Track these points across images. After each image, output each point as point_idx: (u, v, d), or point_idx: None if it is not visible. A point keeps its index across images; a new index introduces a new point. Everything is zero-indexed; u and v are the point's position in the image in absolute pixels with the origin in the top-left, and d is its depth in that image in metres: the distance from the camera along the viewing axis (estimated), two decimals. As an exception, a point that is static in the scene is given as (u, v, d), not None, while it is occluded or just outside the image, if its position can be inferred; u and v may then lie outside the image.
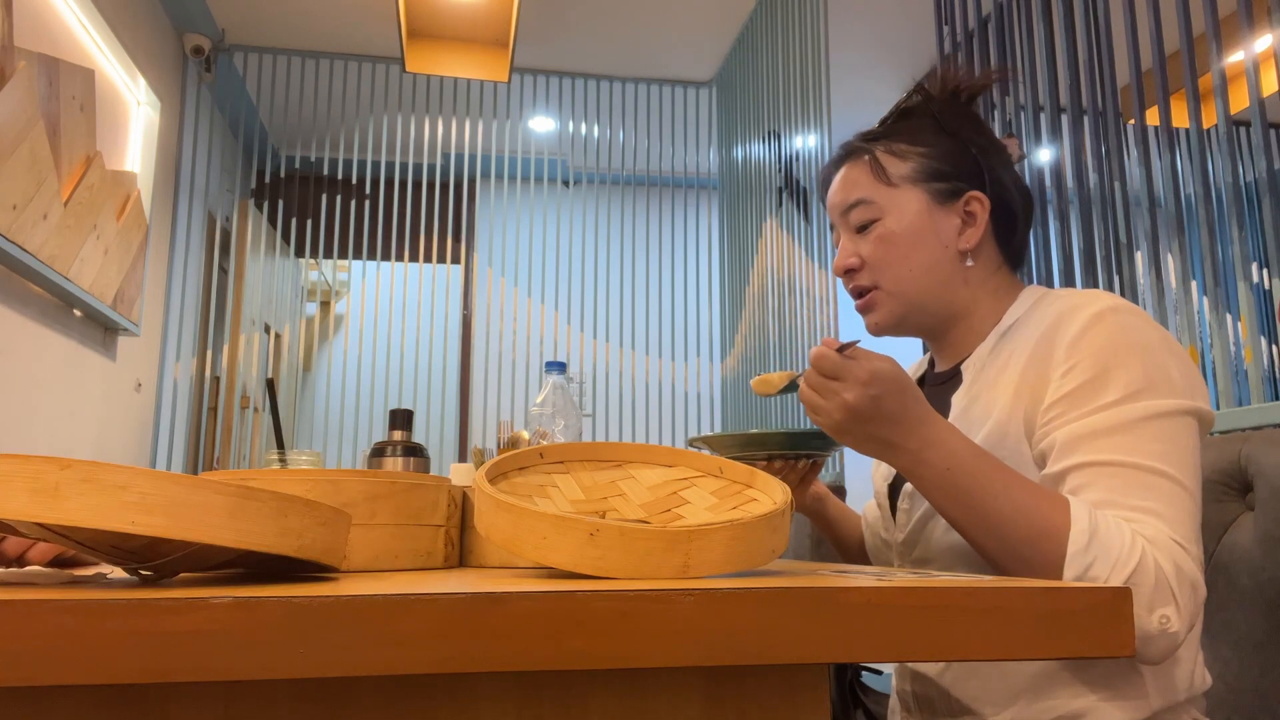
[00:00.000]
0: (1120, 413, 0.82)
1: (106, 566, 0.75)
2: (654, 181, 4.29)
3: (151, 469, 0.52)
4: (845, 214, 1.03)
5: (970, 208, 1.00)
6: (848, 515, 1.22)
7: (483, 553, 0.92)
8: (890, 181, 1.00)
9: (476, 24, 3.13)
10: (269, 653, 0.44)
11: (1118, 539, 0.76)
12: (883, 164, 1.01)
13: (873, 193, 1.01)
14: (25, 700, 0.48)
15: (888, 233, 0.99)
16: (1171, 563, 0.75)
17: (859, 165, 1.03)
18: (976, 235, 0.99)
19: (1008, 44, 2.39)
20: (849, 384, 0.82)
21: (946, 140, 1.01)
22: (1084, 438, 0.82)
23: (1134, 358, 0.83)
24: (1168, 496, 0.79)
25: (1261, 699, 0.98)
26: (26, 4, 2.26)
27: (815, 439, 1.06)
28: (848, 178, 1.04)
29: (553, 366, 1.31)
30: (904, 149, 1.01)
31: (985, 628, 0.50)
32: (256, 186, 4.13)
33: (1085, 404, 0.83)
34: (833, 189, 1.06)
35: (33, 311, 2.42)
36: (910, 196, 1.00)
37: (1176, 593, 0.75)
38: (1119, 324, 0.85)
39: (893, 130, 1.04)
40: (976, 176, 1.00)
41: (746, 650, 0.48)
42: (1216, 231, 1.72)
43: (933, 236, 0.99)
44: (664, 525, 0.59)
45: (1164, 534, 0.77)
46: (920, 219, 0.99)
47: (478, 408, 4.29)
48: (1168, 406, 0.82)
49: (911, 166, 1.00)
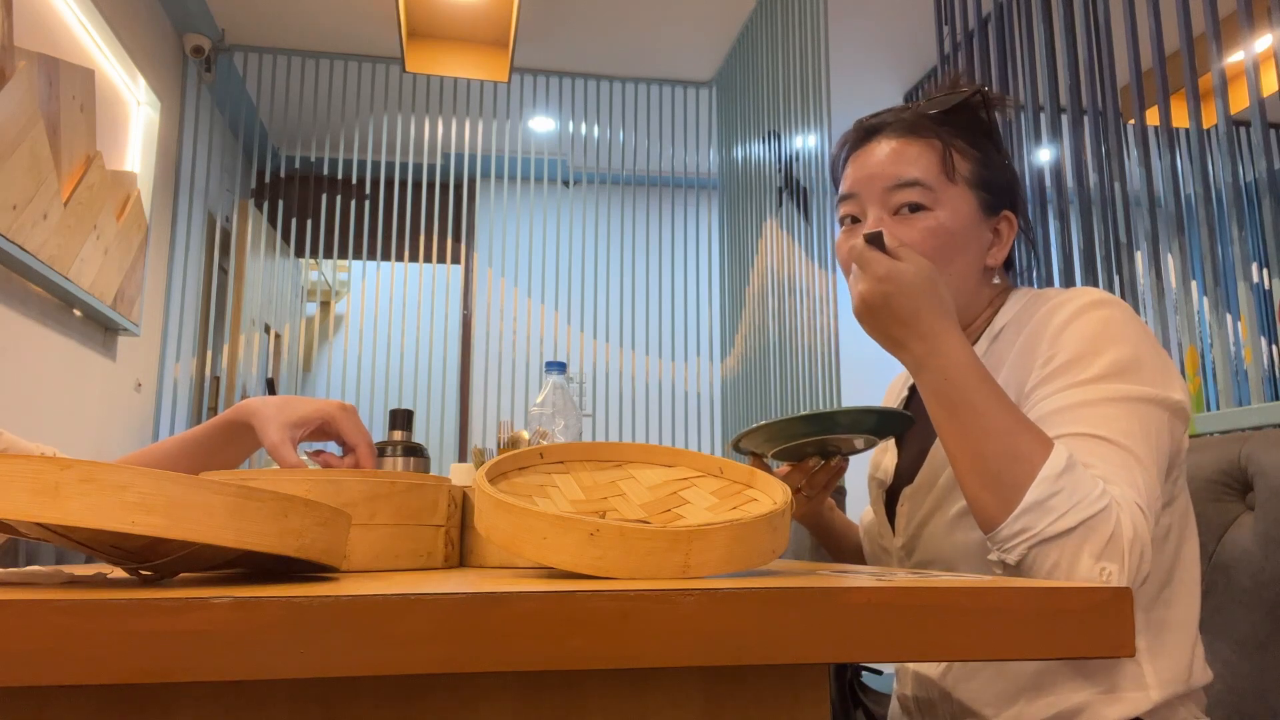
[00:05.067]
0: (1095, 390, 0.83)
1: (106, 566, 0.75)
2: (654, 181, 4.29)
3: (152, 469, 0.52)
4: (891, 189, 0.95)
5: (1000, 226, 0.98)
6: (849, 525, 1.21)
7: (483, 553, 0.92)
8: (953, 178, 0.95)
9: (476, 24, 3.13)
10: (269, 653, 0.44)
11: (1089, 485, 0.76)
12: (954, 156, 0.96)
13: (935, 180, 0.94)
14: (25, 700, 0.48)
15: (941, 228, 0.93)
16: (1131, 524, 0.76)
17: (924, 145, 0.96)
18: (1002, 255, 0.98)
19: (1008, 44, 2.39)
20: (865, 276, 0.84)
21: (994, 151, 0.98)
22: (1058, 410, 0.83)
23: (1113, 346, 0.85)
24: (1134, 470, 0.80)
25: (1261, 699, 0.98)
26: (26, 4, 2.26)
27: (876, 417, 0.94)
28: (907, 153, 0.95)
29: (553, 366, 1.31)
30: (965, 147, 0.97)
31: (985, 628, 0.50)
32: (256, 186, 4.13)
33: (1062, 380, 0.85)
34: (881, 156, 0.96)
35: (33, 311, 2.42)
36: (966, 199, 0.95)
37: (1127, 553, 0.75)
38: (1101, 317, 0.87)
39: (953, 122, 0.98)
40: (1011, 195, 0.99)
41: (746, 650, 0.48)
42: (1216, 231, 1.72)
43: (975, 245, 0.96)
44: (664, 525, 0.59)
45: (1130, 498, 0.77)
46: (970, 225, 0.95)
47: (478, 408, 4.29)
48: (1140, 393, 0.83)
49: (970, 168, 0.96)
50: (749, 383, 3.58)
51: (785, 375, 3.14)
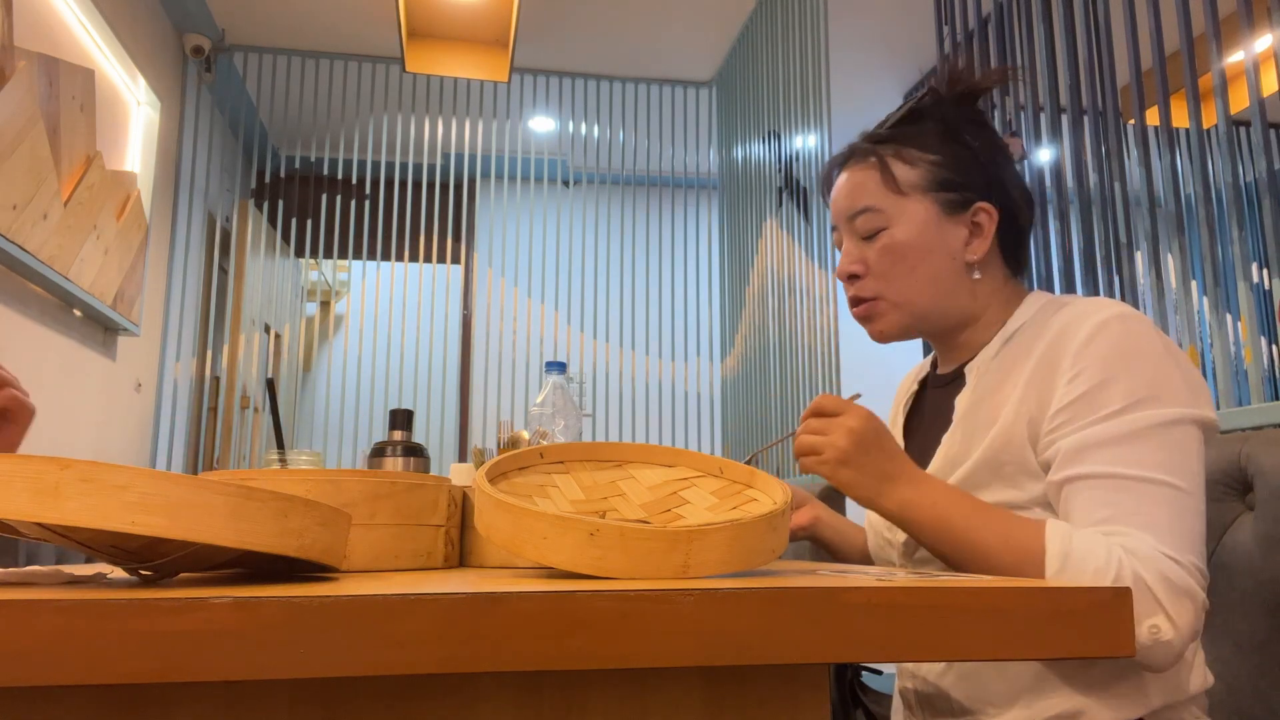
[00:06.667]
0: (1123, 423, 0.82)
1: (106, 566, 0.75)
2: (654, 181, 4.29)
3: (151, 469, 0.52)
4: (851, 219, 1.01)
5: (978, 219, 0.98)
6: (844, 532, 1.20)
7: (483, 553, 0.92)
8: (900, 190, 0.98)
9: (476, 24, 3.13)
10: (269, 653, 0.44)
11: (1093, 557, 0.77)
12: (893, 171, 0.98)
13: (881, 200, 0.98)
14: (25, 700, 0.48)
15: (895, 243, 0.97)
16: (1156, 573, 0.76)
17: (867, 169, 1.00)
18: (984, 247, 0.98)
19: (1008, 44, 2.39)
20: (853, 415, 0.87)
21: (956, 147, 0.99)
22: (1086, 448, 0.83)
23: (1138, 365, 0.84)
24: (1166, 507, 0.79)
25: (1261, 699, 0.98)
26: (26, 4, 2.26)
27: None
28: (855, 181, 1.01)
29: (553, 366, 1.31)
30: (914, 155, 0.98)
31: (986, 628, 0.50)
32: (256, 186, 4.13)
33: (1089, 413, 0.84)
34: (838, 191, 1.03)
35: (33, 311, 2.42)
36: (919, 206, 0.97)
37: (1165, 602, 0.75)
38: (1125, 331, 0.85)
39: (901, 134, 1.01)
40: (985, 186, 0.98)
41: (746, 650, 0.48)
42: (1216, 231, 1.72)
43: (940, 248, 0.97)
44: (664, 525, 0.59)
45: (1149, 546, 0.77)
46: (928, 230, 0.97)
47: (478, 408, 4.29)
48: (1171, 415, 0.82)
49: (921, 174, 0.98)
50: (749, 383, 3.58)
51: (785, 375, 3.14)
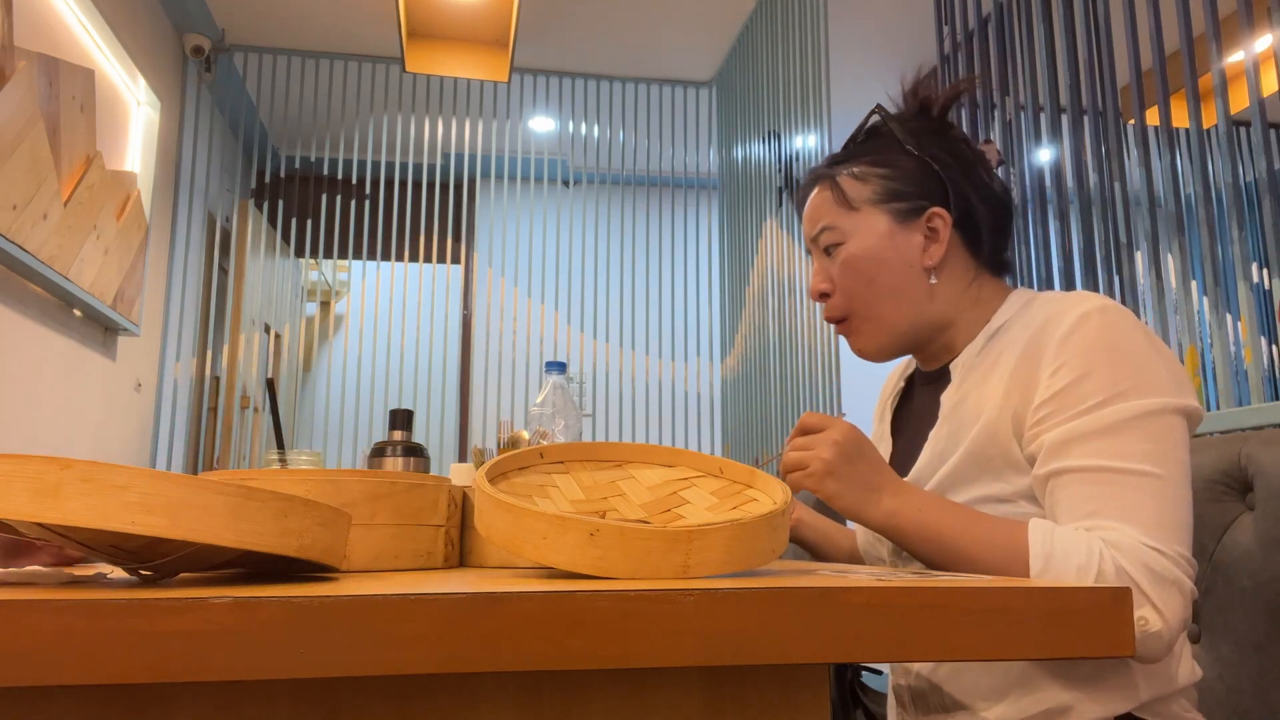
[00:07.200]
0: (1105, 415, 0.83)
1: (106, 566, 0.75)
2: (654, 181, 4.29)
3: (152, 469, 0.52)
4: (815, 240, 1.06)
5: (933, 224, 1.01)
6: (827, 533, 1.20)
7: (483, 553, 0.92)
8: (852, 206, 1.02)
9: (476, 24, 3.13)
10: (269, 653, 0.44)
11: (1075, 554, 0.78)
12: (844, 189, 1.03)
13: (836, 218, 1.03)
14: (25, 700, 0.48)
15: (850, 256, 1.01)
16: (1140, 565, 0.77)
17: (823, 191, 1.05)
18: (940, 251, 1.00)
19: (1008, 44, 2.39)
20: (836, 428, 0.90)
21: (908, 159, 1.02)
22: (1070, 441, 0.84)
23: (1120, 357, 0.85)
24: (1151, 498, 0.80)
25: (1261, 699, 0.98)
26: (26, 4, 2.26)
27: None
28: (814, 204, 1.06)
29: (553, 366, 1.31)
30: (865, 171, 1.03)
31: (985, 628, 0.51)
32: (256, 186, 4.13)
33: (1072, 406, 0.85)
34: (804, 217, 1.09)
35: (33, 311, 2.42)
36: (872, 219, 1.01)
37: (1150, 594, 0.76)
38: (1106, 324, 0.87)
39: (856, 153, 1.05)
40: (939, 192, 1.01)
41: (746, 650, 0.48)
42: (1216, 231, 1.72)
43: (895, 257, 1.00)
44: (664, 525, 0.59)
45: (1133, 538, 0.78)
46: (881, 241, 1.01)
47: (478, 408, 4.29)
48: (1154, 405, 0.83)
49: (872, 189, 1.02)
50: (749, 383, 3.58)
51: (785, 375, 3.14)
